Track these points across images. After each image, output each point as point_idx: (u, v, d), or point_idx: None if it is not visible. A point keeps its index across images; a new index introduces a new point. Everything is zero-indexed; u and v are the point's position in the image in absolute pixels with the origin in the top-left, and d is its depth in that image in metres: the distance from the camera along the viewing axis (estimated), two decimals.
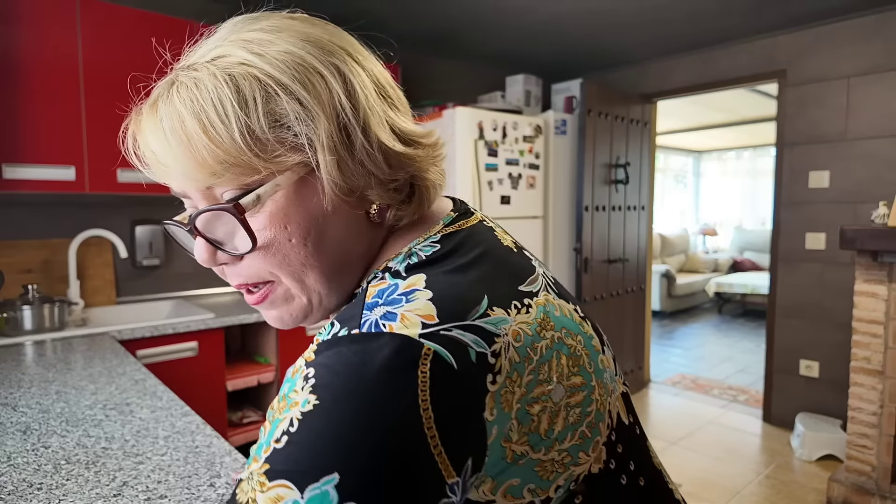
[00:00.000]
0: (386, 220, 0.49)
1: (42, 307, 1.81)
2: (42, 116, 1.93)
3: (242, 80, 0.41)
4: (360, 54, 0.48)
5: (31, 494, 0.78)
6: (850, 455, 2.40)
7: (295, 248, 0.44)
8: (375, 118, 0.45)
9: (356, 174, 0.44)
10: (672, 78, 3.71)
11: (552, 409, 0.41)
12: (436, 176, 0.51)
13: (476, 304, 0.40)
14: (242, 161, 0.41)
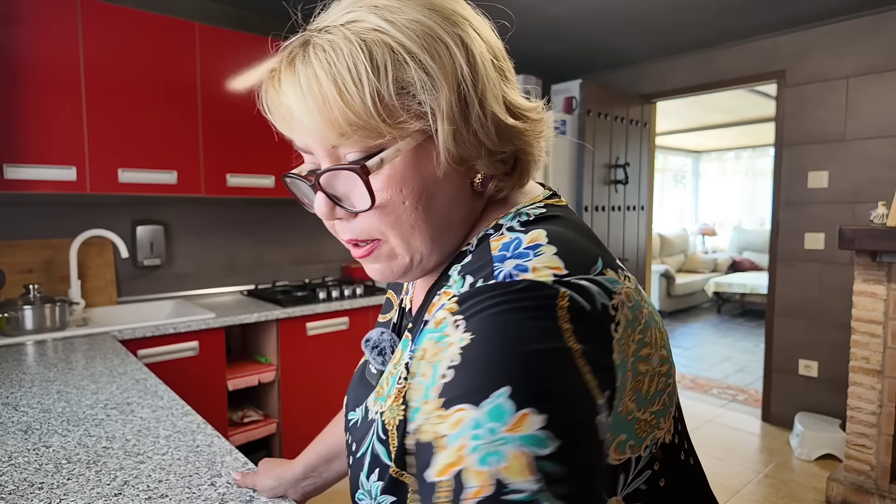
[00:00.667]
0: (487, 190, 0.51)
1: (43, 307, 1.81)
2: (43, 117, 1.93)
3: (375, 46, 0.43)
4: (478, 24, 0.49)
5: (33, 494, 0.78)
6: (849, 454, 2.41)
7: (407, 210, 0.46)
8: (491, 90, 0.46)
9: (469, 144, 0.46)
10: (671, 78, 3.71)
11: (651, 373, 0.45)
12: (538, 151, 0.52)
13: (594, 263, 0.43)
14: (370, 125, 0.43)
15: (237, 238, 2.77)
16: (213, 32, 2.30)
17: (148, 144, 2.16)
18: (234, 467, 0.86)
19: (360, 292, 2.65)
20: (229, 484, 0.81)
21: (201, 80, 2.28)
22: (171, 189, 2.23)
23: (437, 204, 0.47)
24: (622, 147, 3.64)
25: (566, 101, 3.64)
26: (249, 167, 2.44)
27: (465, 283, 0.43)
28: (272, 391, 2.36)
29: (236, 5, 2.71)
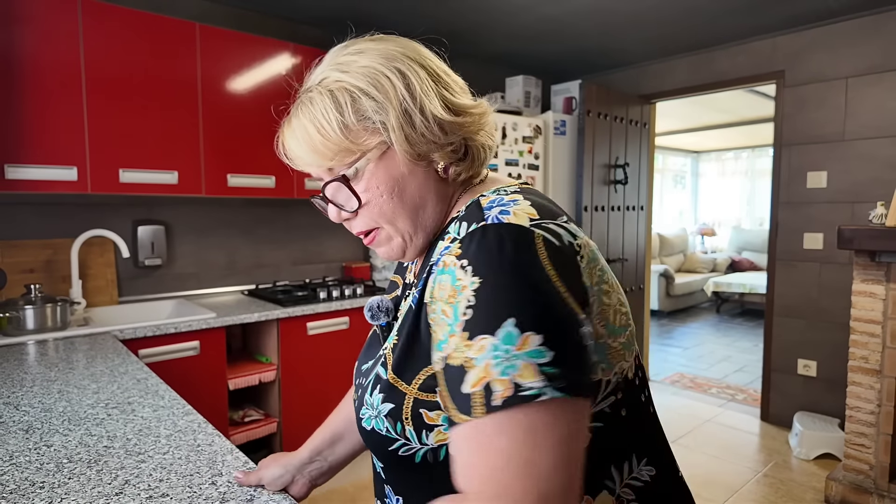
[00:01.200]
0: (451, 176, 0.64)
1: (44, 307, 1.81)
2: (44, 117, 1.94)
3: (337, 92, 0.60)
4: (419, 54, 0.65)
5: (34, 493, 0.78)
6: (848, 454, 2.41)
7: (386, 202, 0.62)
8: (429, 99, 0.61)
9: (420, 143, 0.60)
10: (671, 79, 3.72)
11: (614, 307, 0.57)
12: (484, 138, 0.66)
13: (560, 215, 0.57)
14: (343, 147, 0.60)
15: (238, 238, 2.78)
16: (213, 33, 2.31)
17: (149, 144, 2.17)
18: (235, 466, 0.86)
19: (360, 292, 2.65)
20: (230, 483, 0.81)
21: (202, 80, 2.28)
22: (171, 189, 2.24)
23: (409, 192, 0.62)
24: (622, 147, 3.64)
25: (566, 101, 3.65)
26: (250, 167, 2.45)
27: (462, 227, 0.56)
28: (273, 390, 2.37)
29: (237, 5, 2.72)
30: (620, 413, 0.59)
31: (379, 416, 0.60)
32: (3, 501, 0.76)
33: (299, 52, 2.57)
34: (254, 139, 2.45)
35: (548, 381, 0.46)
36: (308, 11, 2.82)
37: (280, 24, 2.89)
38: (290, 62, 2.54)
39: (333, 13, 2.85)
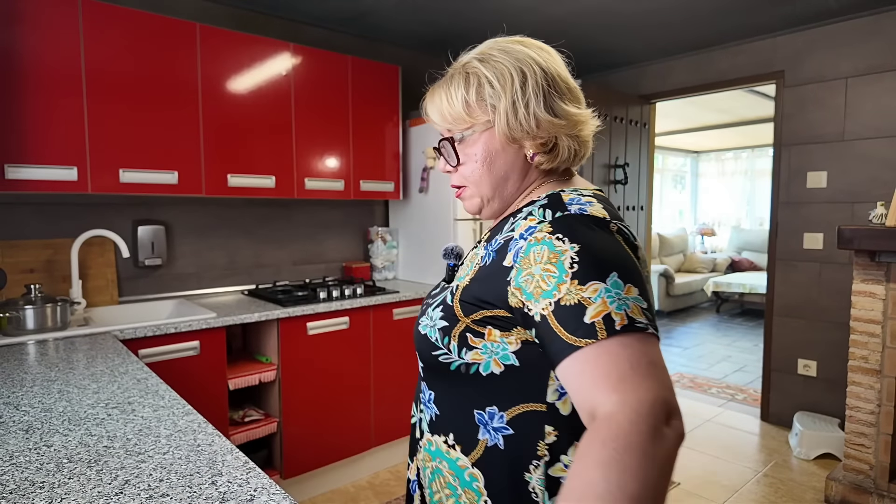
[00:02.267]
0: (535, 163, 0.79)
1: (44, 307, 1.81)
2: (44, 117, 1.94)
3: (471, 75, 0.78)
4: (547, 61, 0.78)
5: (34, 493, 0.78)
6: (848, 454, 2.41)
7: (477, 167, 0.79)
8: (536, 98, 0.75)
9: (516, 129, 0.75)
10: (670, 79, 3.72)
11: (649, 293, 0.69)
12: (569, 142, 0.78)
13: (620, 220, 0.71)
14: (460, 116, 0.78)
15: (238, 238, 2.78)
16: (213, 33, 2.31)
17: (149, 145, 2.17)
18: (235, 466, 0.87)
19: (360, 292, 2.65)
20: (230, 483, 0.81)
21: (202, 80, 2.29)
22: (172, 189, 2.24)
23: (497, 166, 0.79)
24: (621, 147, 3.65)
25: None
26: (250, 167, 2.45)
27: (547, 214, 0.71)
28: (273, 390, 2.37)
29: (237, 6, 2.72)
30: None
31: (434, 327, 0.77)
32: (4, 501, 0.76)
33: (299, 53, 2.57)
34: (254, 139, 2.45)
35: (648, 321, 0.61)
36: (308, 12, 2.83)
37: (281, 25, 2.89)
38: (290, 62, 2.54)
39: (334, 13, 2.85)
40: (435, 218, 3.03)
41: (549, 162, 0.78)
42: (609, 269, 0.62)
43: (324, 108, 2.69)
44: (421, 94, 3.17)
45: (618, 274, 0.62)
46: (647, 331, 0.60)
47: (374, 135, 2.91)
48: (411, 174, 3.17)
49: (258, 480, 0.82)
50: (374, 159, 2.92)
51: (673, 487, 2.57)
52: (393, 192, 3.03)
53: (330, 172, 2.74)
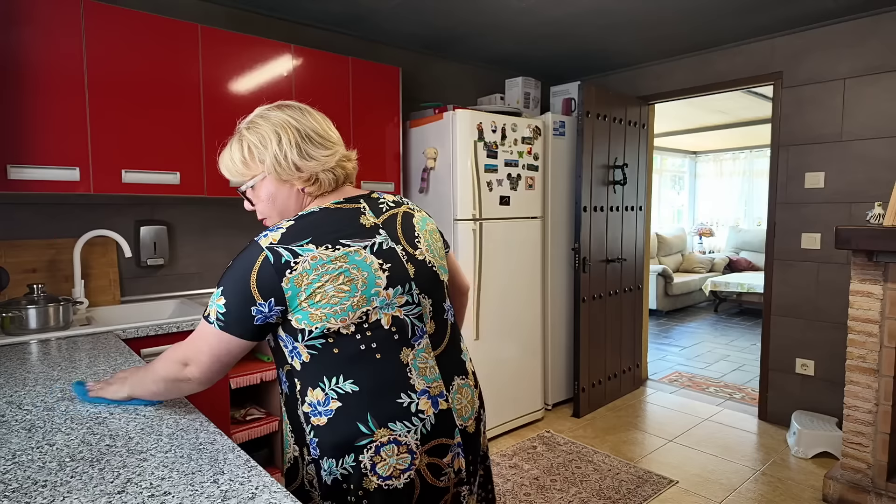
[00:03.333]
0: (306, 192, 1.05)
1: (47, 306, 1.82)
2: (47, 118, 1.94)
3: (242, 140, 1.04)
4: (299, 121, 1.04)
5: (36, 492, 0.78)
6: (846, 452, 2.42)
7: (265, 205, 1.07)
8: (291, 151, 1.01)
9: (285, 174, 1.02)
10: (669, 80, 3.73)
11: (322, 292, 0.93)
12: (326, 176, 1.04)
13: (302, 239, 0.94)
14: (242, 171, 1.05)
15: (240, 238, 2.79)
16: (215, 34, 2.32)
17: (151, 145, 2.18)
18: (237, 465, 0.87)
19: None
20: (232, 481, 0.82)
21: (203, 81, 2.29)
22: (174, 189, 2.24)
23: (279, 201, 1.05)
24: (620, 148, 3.65)
25: (565, 102, 3.66)
26: None
27: None
28: (274, 389, 2.38)
29: (238, 7, 2.72)
30: (333, 350, 0.95)
31: None
32: (6, 500, 0.76)
33: (300, 54, 2.58)
34: None
35: (216, 320, 0.94)
36: (309, 13, 2.83)
37: (281, 26, 2.90)
38: (290, 63, 2.55)
39: (334, 15, 2.86)
40: (435, 218, 3.03)
41: (317, 190, 1.05)
42: (223, 283, 0.95)
43: (324, 108, 2.67)
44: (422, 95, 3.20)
45: (224, 288, 0.94)
46: (212, 324, 0.94)
47: (374, 135, 2.91)
48: (412, 175, 3.17)
49: (260, 479, 0.82)
50: (375, 160, 2.93)
51: (671, 486, 2.58)
52: (393, 193, 3.04)
53: None
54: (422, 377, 0.99)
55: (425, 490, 0.97)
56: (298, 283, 0.91)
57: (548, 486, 2.56)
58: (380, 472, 0.93)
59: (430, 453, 0.98)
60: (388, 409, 0.95)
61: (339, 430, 0.94)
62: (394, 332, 0.98)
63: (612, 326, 3.70)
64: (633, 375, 3.95)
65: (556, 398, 3.63)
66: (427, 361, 1.01)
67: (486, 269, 3.00)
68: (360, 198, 1.06)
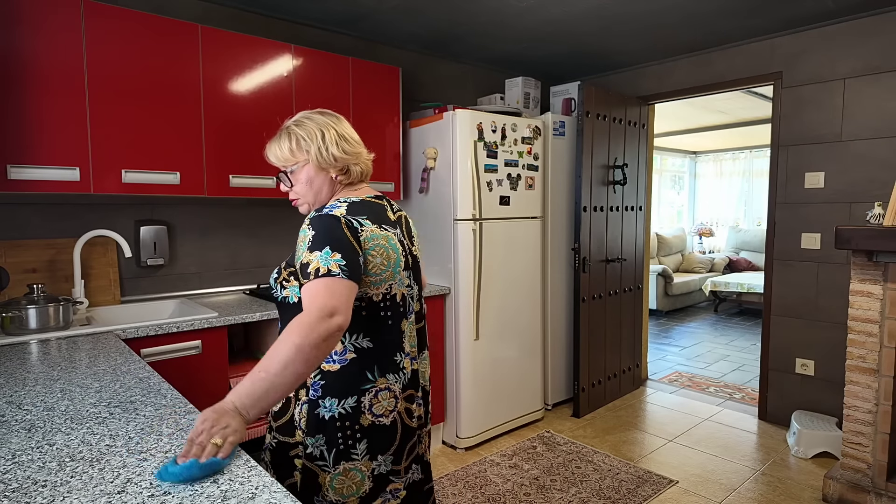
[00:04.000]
0: (338, 180, 1.28)
1: (47, 306, 1.82)
2: (47, 118, 1.94)
3: (292, 134, 1.26)
4: (336, 124, 1.29)
5: (36, 492, 0.79)
6: (846, 452, 2.43)
7: (303, 187, 1.28)
8: (332, 145, 1.25)
9: (323, 163, 1.25)
10: (669, 80, 3.73)
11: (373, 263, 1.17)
12: (355, 168, 1.29)
13: (359, 215, 1.18)
14: (288, 158, 1.26)
15: (240, 238, 2.79)
16: (215, 34, 2.32)
17: (151, 145, 2.18)
18: (237, 464, 0.87)
19: None
20: (232, 481, 0.82)
21: (204, 81, 2.29)
22: (174, 189, 2.24)
23: (315, 185, 1.27)
24: (620, 148, 3.65)
25: (565, 102, 3.66)
26: (252, 168, 2.45)
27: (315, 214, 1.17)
28: None
29: (238, 7, 2.73)
30: (361, 312, 1.18)
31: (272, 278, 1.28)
32: (6, 500, 0.76)
33: (300, 54, 2.58)
34: (256, 140, 2.46)
35: (341, 270, 1.07)
36: (309, 13, 2.83)
37: (281, 26, 2.90)
38: (291, 64, 2.55)
39: (334, 15, 2.86)
40: (435, 218, 3.03)
41: (346, 179, 1.29)
42: (324, 244, 1.09)
43: (325, 108, 2.69)
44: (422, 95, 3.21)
45: (329, 246, 1.08)
46: (337, 275, 1.06)
47: (374, 136, 2.92)
48: (412, 175, 3.18)
49: (259, 479, 0.83)
50: (375, 160, 2.89)
51: (671, 486, 2.58)
52: (393, 193, 3.04)
53: None
54: (409, 343, 1.28)
55: (403, 429, 1.25)
56: (365, 245, 1.15)
57: (548, 486, 2.56)
58: (374, 411, 1.19)
59: (406, 400, 1.25)
60: (387, 363, 1.21)
61: (349, 376, 1.17)
62: (400, 305, 1.25)
63: (611, 326, 3.70)
64: (632, 375, 3.95)
65: (556, 398, 3.63)
66: (413, 332, 1.30)
67: (485, 269, 3.00)
68: (382, 197, 1.33)
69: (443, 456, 2.91)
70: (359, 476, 1.18)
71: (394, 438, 1.22)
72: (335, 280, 1.05)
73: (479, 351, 2.99)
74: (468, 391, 2.95)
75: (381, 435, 1.19)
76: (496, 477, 2.65)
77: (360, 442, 1.17)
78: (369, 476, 1.19)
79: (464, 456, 2.91)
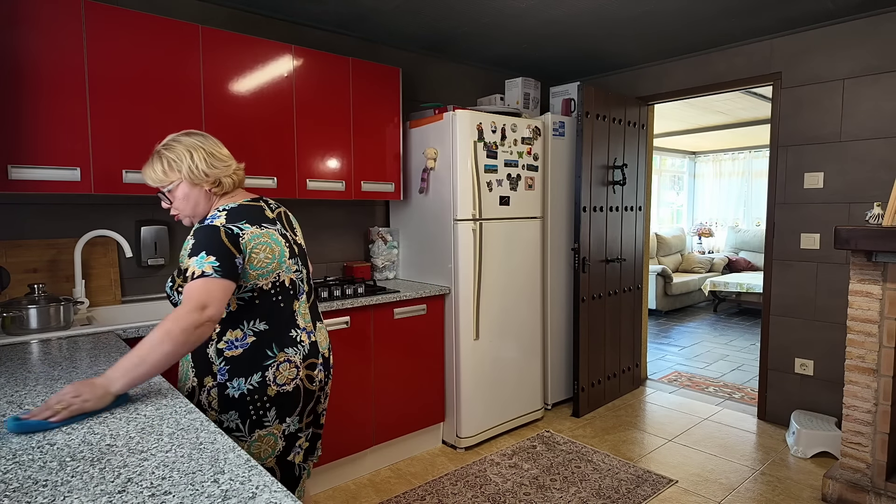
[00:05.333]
0: (212, 192, 1.45)
1: (48, 306, 1.82)
2: (48, 118, 1.95)
3: (162, 157, 1.42)
4: (203, 143, 1.44)
5: (37, 491, 0.79)
6: (845, 452, 2.43)
7: (181, 202, 1.44)
8: (201, 162, 1.41)
9: (196, 179, 1.42)
10: (668, 81, 3.73)
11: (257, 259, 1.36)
12: (227, 180, 1.45)
13: (238, 221, 1.36)
14: (163, 179, 1.42)
15: None
16: (216, 35, 2.32)
17: (152, 146, 2.17)
18: (237, 464, 0.88)
19: (361, 291, 2.66)
20: (232, 481, 0.82)
21: (204, 81, 2.30)
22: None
23: (192, 200, 1.43)
24: (620, 148, 3.66)
25: (565, 102, 3.66)
26: (252, 168, 2.46)
27: (197, 226, 1.35)
28: None
29: (239, 7, 2.73)
30: (255, 301, 1.38)
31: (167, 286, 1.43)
32: (7, 500, 0.76)
33: (300, 55, 2.59)
34: (256, 140, 2.47)
35: (214, 270, 1.25)
36: (309, 14, 2.84)
37: (282, 27, 2.90)
38: (291, 64, 2.55)
39: (335, 16, 2.86)
40: (435, 218, 3.04)
41: (220, 190, 1.45)
42: (200, 250, 1.27)
43: (325, 109, 2.70)
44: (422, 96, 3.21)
45: (206, 251, 1.27)
46: (210, 275, 1.24)
47: (374, 136, 2.92)
48: (412, 175, 3.18)
49: (260, 478, 0.83)
50: (375, 160, 2.94)
51: (670, 486, 2.58)
52: (393, 193, 3.05)
53: (331, 173, 2.75)
54: (303, 319, 1.48)
55: (305, 392, 1.45)
56: (246, 247, 1.33)
57: (547, 486, 2.56)
58: (278, 381, 1.38)
59: (307, 368, 1.45)
60: (285, 339, 1.41)
61: (252, 357, 1.37)
62: (289, 289, 1.45)
63: (611, 326, 3.70)
64: (632, 375, 3.96)
65: (556, 398, 3.63)
66: (305, 309, 1.50)
67: (485, 269, 3.00)
68: (258, 199, 1.50)
69: (443, 455, 2.91)
70: (272, 438, 1.39)
71: (298, 402, 1.43)
72: (209, 279, 1.24)
73: (478, 351, 2.99)
74: (468, 391, 2.95)
75: (287, 400, 1.40)
76: (496, 476, 2.65)
77: (269, 410, 1.37)
78: (281, 436, 1.41)
79: (464, 455, 2.91)
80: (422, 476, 2.67)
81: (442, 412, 3.01)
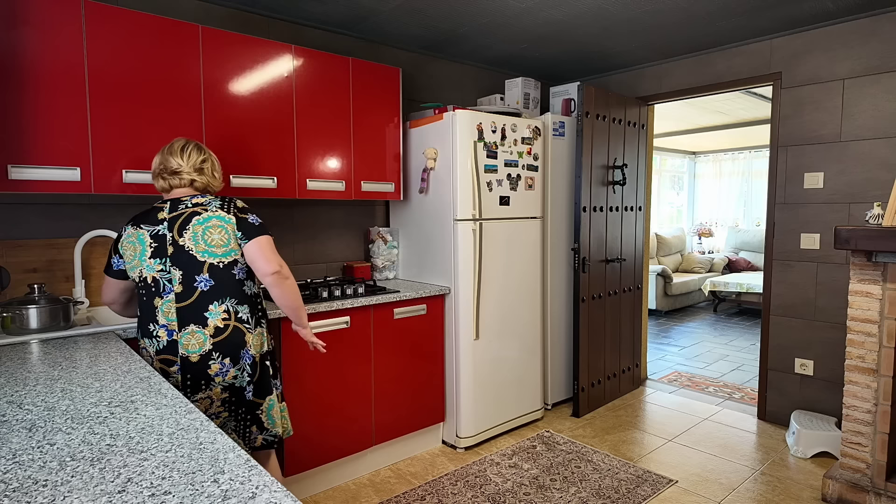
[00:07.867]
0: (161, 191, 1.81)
1: (48, 306, 1.82)
2: (48, 118, 1.95)
3: None
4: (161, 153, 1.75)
5: (37, 491, 0.79)
6: (845, 452, 2.43)
7: None
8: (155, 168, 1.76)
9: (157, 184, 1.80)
10: (668, 81, 3.73)
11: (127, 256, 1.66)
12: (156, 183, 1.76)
13: (130, 223, 1.68)
14: None
15: None
16: (216, 35, 2.32)
17: (152, 146, 2.18)
18: (237, 464, 0.88)
19: (361, 291, 2.66)
20: (232, 480, 0.82)
21: (204, 81, 2.30)
22: None
23: None
24: (620, 148, 3.66)
25: (565, 103, 3.66)
26: (252, 168, 2.46)
27: None
28: None
29: (239, 8, 2.73)
30: (142, 294, 1.63)
31: None
32: (7, 500, 0.76)
33: (301, 55, 2.59)
34: (256, 140, 2.46)
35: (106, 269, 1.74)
36: (309, 14, 2.83)
37: (282, 27, 2.90)
38: (291, 64, 2.55)
39: (335, 16, 2.86)
40: (435, 218, 3.04)
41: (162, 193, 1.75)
42: None
43: (325, 109, 2.70)
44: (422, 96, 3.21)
45: None
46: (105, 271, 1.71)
47: (374, 136, 2.92)
48: (412, 175, 3.18)
49: (260, 478, 0.83)
50: (375, 160, 2.93)
51: (670, 486, 2.58)
52: (393, 193, 3.05)
53: (331, 173, 2.75)
54: (165, 317, 1.59)
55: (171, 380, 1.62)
56: (121, 245, 1.66)
57: (547, 486, 2.56)
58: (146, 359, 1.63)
59: (161, 362, 1.59)
60: (144, 330, 1.62)
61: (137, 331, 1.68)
62: (152, 286, 1.61)
63: (611, 326, 3.70)
64: (632, 375, 3.95)
65: (556, 398, 3.63)
66: (171, 309, 1.59)
67: (485, 269, 3.00)
68: (168, 200, 1.67)
69: (443, 455, 2.91)
70: None
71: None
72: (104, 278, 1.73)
73: (478, 351, 2.99)
74: (468, 391, 2.95)
75: None
76: (496, 476, 2.65)
77: None
78: None
79: (464, 455, 2.91)
80: (422, 476, 2.67)
81: (442, 412, 3.01)
